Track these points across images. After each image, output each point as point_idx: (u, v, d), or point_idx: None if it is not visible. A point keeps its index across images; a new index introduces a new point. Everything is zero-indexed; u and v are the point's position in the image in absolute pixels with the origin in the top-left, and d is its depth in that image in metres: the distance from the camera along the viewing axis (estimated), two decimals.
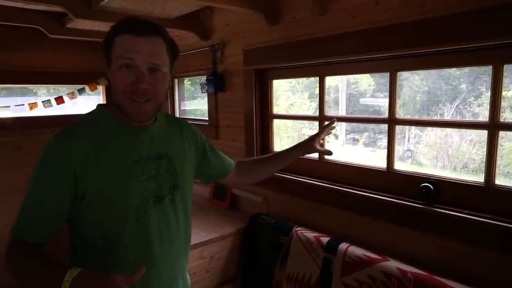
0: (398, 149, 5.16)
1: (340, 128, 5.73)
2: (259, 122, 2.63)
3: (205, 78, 2.92)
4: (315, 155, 2.36)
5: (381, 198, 1.95)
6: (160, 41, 0.92)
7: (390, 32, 1.80)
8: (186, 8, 2.53)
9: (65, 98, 3.51)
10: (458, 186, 1.74)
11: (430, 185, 1.78)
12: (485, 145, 1.61)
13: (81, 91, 3.60)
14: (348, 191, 2.10)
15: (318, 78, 2.31)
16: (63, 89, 3.81)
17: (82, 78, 3.53)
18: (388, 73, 1.95)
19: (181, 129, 1.15)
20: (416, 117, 2.64)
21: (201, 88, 2.95)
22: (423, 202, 1.81)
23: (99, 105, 1.01)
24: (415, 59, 1.84)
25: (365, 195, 2.02)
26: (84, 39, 3.18)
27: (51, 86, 3.79)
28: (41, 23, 2.80)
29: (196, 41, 2.99)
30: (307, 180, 2.32)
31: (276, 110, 2.65)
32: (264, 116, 2.64)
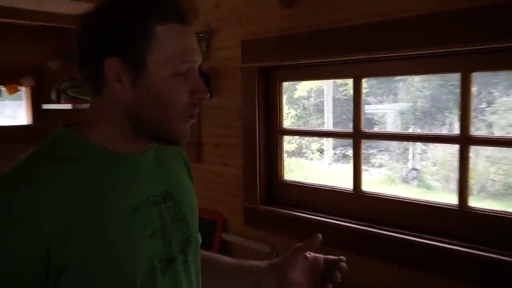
0: (400, 168, 5.11)
1: (327, 142, 5.57)
2: (263, 139, 2.37)
3: None
4: (348, 185, 2.11)
5: (453, 248, 1.72)
6: None
7: (465, 19, 1.58)
8: None
9: None
10: None
11: None
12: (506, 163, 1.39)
13: None
14: (401, 237, 1.84)
15: (352, 80, 2.07)
16: None
17: None
18: (459, 74, 1.74)
19: (177, 153, 1.06)
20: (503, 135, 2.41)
21: None
22: None
23: (63, 127, 0.85)
24: (500, 55, 1.63)
25: (429, 243, 1.77)
26: (3, 20, 2.70)
27: None
28: None
29: None
30: (336, 222, 2.06)
31: None
32: (270, 130, 2.37)
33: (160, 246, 0.86)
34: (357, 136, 2.05)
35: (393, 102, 4.36)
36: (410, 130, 4.65)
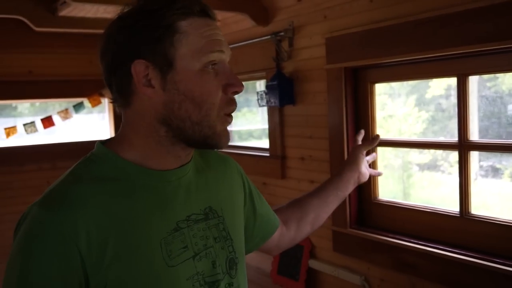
0: None
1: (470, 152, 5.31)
2: None
3: (264, 84, 2.83)
4: (454, 208, 2.14)
5: None
6: None
7: None
8: None
9: (56, 118, 3.55)
10: None
11: None
12: None
13: (78, 108, 3.61)
14: None
15: (456, 79, 2.13)
16: (52, 104, 3.87)
17: (80, 88, 3.57)
18: None
19: (222, 164, 1.17)
20: None
21: (258, 99, 2.83)
22: None
23: (100, 144, 0.97)
24: None
25: None
26: (83, 31, 3.18)
27: (37, 101, 3.87)
28: (24, 11, 2.82)
29: (249, 27, 2.90)
30: (441, 251, 2.08)
31: None
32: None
33: (203, 267, 0.94)
34: (464, 148, 2.06)
35: None
36: None
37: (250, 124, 3.83)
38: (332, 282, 2.58)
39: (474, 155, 6.13)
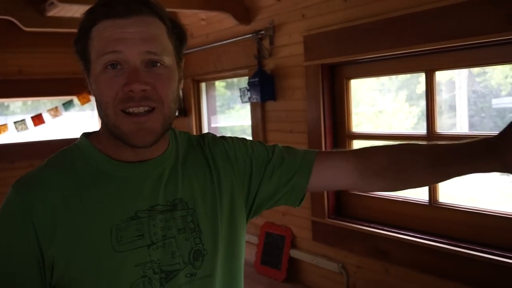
0: None
1: None
2: (330, 145, 2.57)
3: (247, 81, 2.90)
4: (423, 197, 2.22)
5: None
6: (155, 21, 0.94)
7: None
8: None
9: (46, 116, 3.64)
10: None
11: None
12: None
13: (67, 106, 3.70)
14: (483, 256, 1.93)
15: (423, 74, 2.20)
16: (44, 102, 3.96)
17: (69, 87, 3.63)
18: None
19: (203, 150, 1.12)
20: None
21: (240, 95, 2.92)
22: None
23: (83, 135, 1.03)
24: None
25: None
26: (72, 31, 3.25)
27: (27, 99, 3.95)
28: (13, 12, 2.92)
29: (231, 25, 3.00)
30: (412, 238, 2.19)
31: (356, 122, 2.56)
32: (338, 135, 2.57)
33: (159, 256, 0.96)
34: (431, 139, 2.15)
35: None
36: None
37: (244, 121, 3.90)
38: (312, 270, 2.68)
39: None
